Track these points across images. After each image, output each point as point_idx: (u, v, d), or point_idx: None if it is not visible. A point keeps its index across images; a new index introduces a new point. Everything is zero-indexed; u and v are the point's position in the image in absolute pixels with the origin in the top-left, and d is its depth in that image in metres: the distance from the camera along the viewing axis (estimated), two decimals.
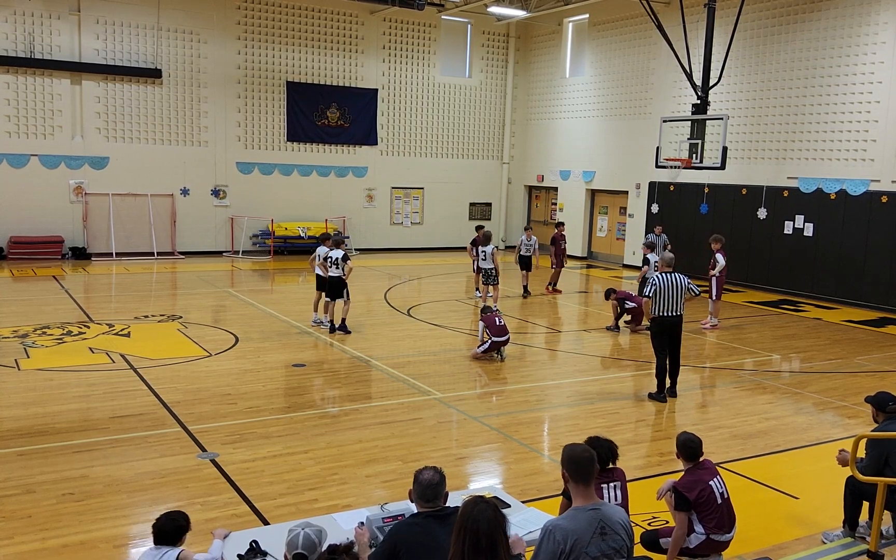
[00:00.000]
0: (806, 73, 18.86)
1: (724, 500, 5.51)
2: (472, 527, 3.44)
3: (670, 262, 10.15)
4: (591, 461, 4.02)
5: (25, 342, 11.86)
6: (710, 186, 20.60)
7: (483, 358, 11.85)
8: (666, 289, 9.82)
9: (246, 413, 9.00)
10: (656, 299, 9.83)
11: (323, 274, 13.36)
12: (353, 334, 13.25)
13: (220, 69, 22.86)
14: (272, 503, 6.60)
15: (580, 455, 4.03)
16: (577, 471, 3.99)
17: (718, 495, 5.48)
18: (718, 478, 5.57)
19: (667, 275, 9.90)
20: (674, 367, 10.16)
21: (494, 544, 3.46)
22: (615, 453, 5.29)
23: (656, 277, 9.91)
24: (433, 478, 4.11)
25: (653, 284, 9.88)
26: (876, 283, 17.53)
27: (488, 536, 3.45)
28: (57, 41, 20.83)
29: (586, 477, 3.97)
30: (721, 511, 5.44)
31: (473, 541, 3.42)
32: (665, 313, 9.87)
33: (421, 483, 4.12)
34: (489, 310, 12.38)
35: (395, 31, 25.48)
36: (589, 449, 4.11)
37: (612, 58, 24.28)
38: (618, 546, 3.91)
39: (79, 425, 8.44)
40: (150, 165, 22.28)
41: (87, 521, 6.19)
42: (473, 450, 8.25)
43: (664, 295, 9.82)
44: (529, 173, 27.93)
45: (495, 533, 3.47)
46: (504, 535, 3.53)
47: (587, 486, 3.98)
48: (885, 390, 6.67)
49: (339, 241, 13.36)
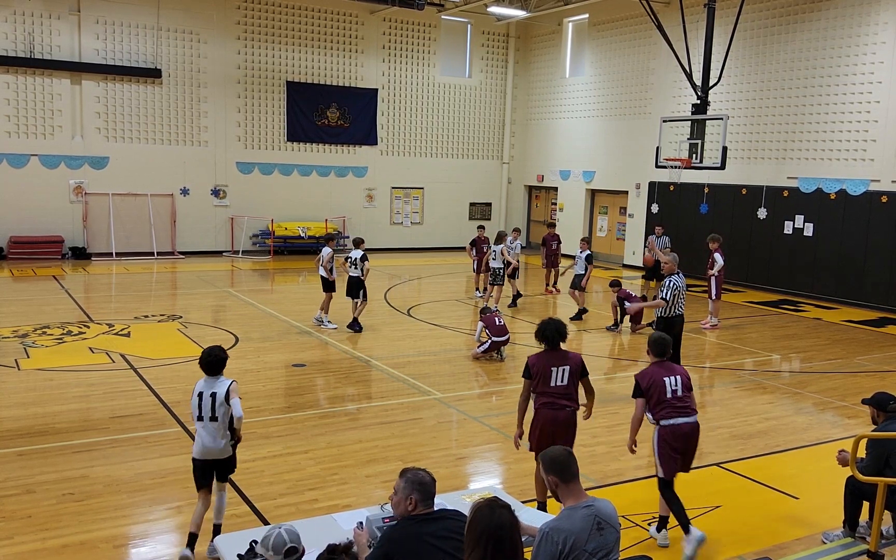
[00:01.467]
0: (806, 73, 18.86)
1: (677, 396, 6.11)
2: (495, 533, 3.42)
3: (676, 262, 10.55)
4: (570, 455, 4.08)
5: (25, 342, 11.86)
6: (710, 186, 20.60)
7: (483, 358, 11.86)
8: (681, 289, 10.29)
9: (246, 413, 8.96)
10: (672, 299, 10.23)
11: (326, 276, 13.45)
12: (353, 334, 13.26)
13: (220, 69, 22.86)
14: (272, 503, 6.60)
15: (560, 455, 4.08)
16: (562, 470, 4.03)
17: (670, 390, 6.11)
18: (676, 377, 6.14)
19: (678, 275, 10.28)
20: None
21: (515, 548, 3.47)
22: (563, 334, 6.27)
23: (674, 279, 10.24)
24: (425, 478, 4.09)
25: (671, 288, 10.18)
26: (876, 283, 17.53)
27: (511, 540, 3.45)
28: (57, 41, 20.83)
29: (571, 473, 4.02)
30: (671, 404, 6.07)
31: (497, 546, 3.41)
32: (675, 313, 10.27)
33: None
34: (488, 310, 12.40)
35: (395, 31, 25.48)
36: (564, 447, 4.20)
37: (611, 58, 24.29)
38: (613, 540, 3.97)
39: (79, 425, 8.44)
40: (150, 165, 22.28)
41: (87, 521, 6.19)
42: (473, 450, 8.25)
43: (679, 295, 10.28)
44: (529, 173, 27.94)
45: (516, 536, 3.49)
46: (520, 538, 3.55)
47: (576, 483, 4.02)
48: (883, 391, 6.66)
49: (358, 242, 13.90)
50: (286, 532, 3.92)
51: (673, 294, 10.17)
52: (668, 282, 10.26)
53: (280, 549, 3.85)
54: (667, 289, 10.21)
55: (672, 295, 10.17)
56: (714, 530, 6.44)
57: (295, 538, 3.90)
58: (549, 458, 4.11)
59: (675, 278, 10.24)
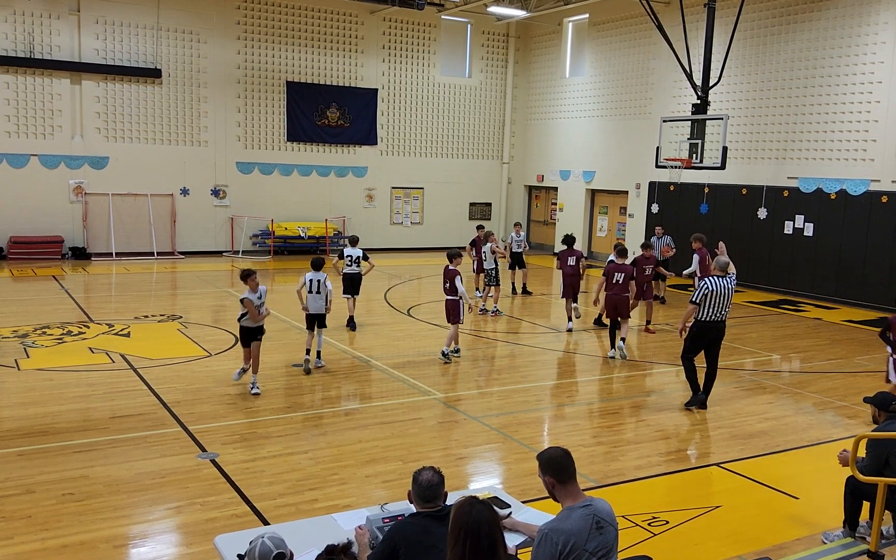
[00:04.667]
0: (806, 73, 18.86)
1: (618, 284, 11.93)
2: (472, 529, 3.43)
3: (724, 266, 9.70)
4: (567, 455, 4.08)
5: (25, 342, 11.86)
6: (710, 186, 20.60)
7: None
8: (717, 293, 9.41)
9: (246, 413, 9.01)
10: (705, 303, 9.42)
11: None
12: (353, 334, 13.27)
13: (220, 69, 22.86)
14: (272, 503, 6.60)
15: (557, 455, 4.08)
16: (560, 470, 4.03)
17: (615, 278, 11.94)
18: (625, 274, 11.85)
19: (718, 279, 9.47)
20: (711, 375, 9.81)
21: (494, 544, 3.46)
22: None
23: (708, 281, 9.44)
24: (432, 478, 4.12)
25: (703, 290, 9.39)
26: (876, 283, 17.52)
27: (489, 537, 3.45)
28: (57, 41, 20.83)
29: (568, 474, 4.02)
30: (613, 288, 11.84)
31: (475, 543, 3.42)
32: (711, 318, 9.48)
33: (420, 484, 4.12)
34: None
35: (395, 31, 25.48)
36: (560, 447, 4.17)
37: (612, 58, 24.28)
38: (612, 538, 3.97)
39: (79, 425, 8.44)
40: (150, 165, 22.28)
41: (87, 521, 6.19)
42: (473, 450, 8.25)
43: (714, 299, 9.42)
44: (529, 173, 27.93)
45: (494, 532, 3.48)
46: (501, 534, 3.54)
47: (574, 484, 4.02)
48: (886, 391, 6.66)
49: (355, 240, 14.17)
50: (270, 539, 3.86)
51: (704, 295, 9.37)
52: (702, 284, 9.51)
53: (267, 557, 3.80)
54: (698, 292, 9.48)
55: (702, 296, 9.39)
56: (714, 530, 6.45)
57: (280, 543, 3.85)
58: (547, 458, 4.10)
59: (709, 279, 9.46)
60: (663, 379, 11.41)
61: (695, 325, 9.63)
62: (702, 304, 9.44)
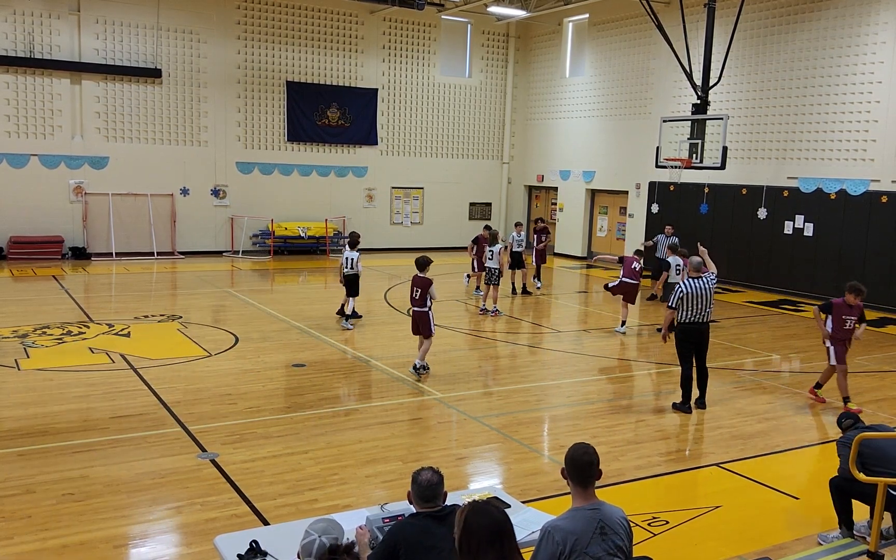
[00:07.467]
0: (806, 73, 18.86)
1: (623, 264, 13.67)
2: (477, 533, 3.41)
3: (698, 266, 9.73)
4: (590, 464, 4.02)
5: (25, 342, 11.86)
6: (710, 186, 20.60)
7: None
8: (694, 295, 9.44)
9: (246, 413, 9.01)
10: (683, 306, 9.48)
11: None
12: (353, 334, 13.28)
13: (220, 69, 22.86)
14: (272, 503, 6.60)
15: (580, 457, 4.04)
16: (575, 472, 4.02)
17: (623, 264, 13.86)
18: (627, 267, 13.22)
19: (693, 280, 9.51)
20: (701, 377, 9.81)
21: (503, 551, 3.45)
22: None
23: (683, 284, 9.52)
24: (432, 478, 4.12)
25: (678, 293, 9.48)
26: (876, 283, 17.50)
27: (495, 539, 3.43)
28: (57, 41, 20.82)
29: (585, 479, 4.00)
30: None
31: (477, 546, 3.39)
32: (692, 319, 9.52)
33: (420, 484, 4.12)
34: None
35: (395, 31, 25.48)
36: (589, 452, 4.07)
37: (612, 58, 24.28)
38: (618, 545, 3.93)
39: (79, 425, 8.44)
40: (150, 165, 22.28)
41: (87, 521, 6.19)
42: (473, 450, 8.25)
43: (692, 301, 9.46)
44: (529, 173, 27.93)
45: (503, 537, 3.46)
46: (510, 537, 3.51)
47: (588, 488, 4.01)
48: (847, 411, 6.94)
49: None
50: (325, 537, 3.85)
51: (679, 298, 9.48)
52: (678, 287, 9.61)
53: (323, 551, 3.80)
54: (674, 295, 9.59)
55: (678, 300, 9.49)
56: (714, 530, 6.45)
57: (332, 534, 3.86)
58: (570, 456, 4.08)
59: (685, 282, 9.55)
60: (663, 379, 11.41)
61: (678, 330, 9.72)
62: (679, 307, 9.56)
